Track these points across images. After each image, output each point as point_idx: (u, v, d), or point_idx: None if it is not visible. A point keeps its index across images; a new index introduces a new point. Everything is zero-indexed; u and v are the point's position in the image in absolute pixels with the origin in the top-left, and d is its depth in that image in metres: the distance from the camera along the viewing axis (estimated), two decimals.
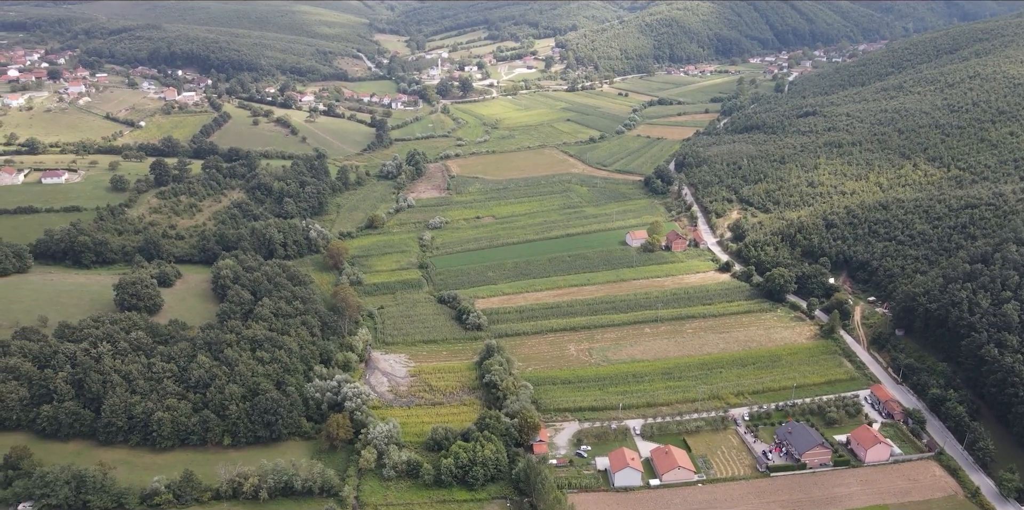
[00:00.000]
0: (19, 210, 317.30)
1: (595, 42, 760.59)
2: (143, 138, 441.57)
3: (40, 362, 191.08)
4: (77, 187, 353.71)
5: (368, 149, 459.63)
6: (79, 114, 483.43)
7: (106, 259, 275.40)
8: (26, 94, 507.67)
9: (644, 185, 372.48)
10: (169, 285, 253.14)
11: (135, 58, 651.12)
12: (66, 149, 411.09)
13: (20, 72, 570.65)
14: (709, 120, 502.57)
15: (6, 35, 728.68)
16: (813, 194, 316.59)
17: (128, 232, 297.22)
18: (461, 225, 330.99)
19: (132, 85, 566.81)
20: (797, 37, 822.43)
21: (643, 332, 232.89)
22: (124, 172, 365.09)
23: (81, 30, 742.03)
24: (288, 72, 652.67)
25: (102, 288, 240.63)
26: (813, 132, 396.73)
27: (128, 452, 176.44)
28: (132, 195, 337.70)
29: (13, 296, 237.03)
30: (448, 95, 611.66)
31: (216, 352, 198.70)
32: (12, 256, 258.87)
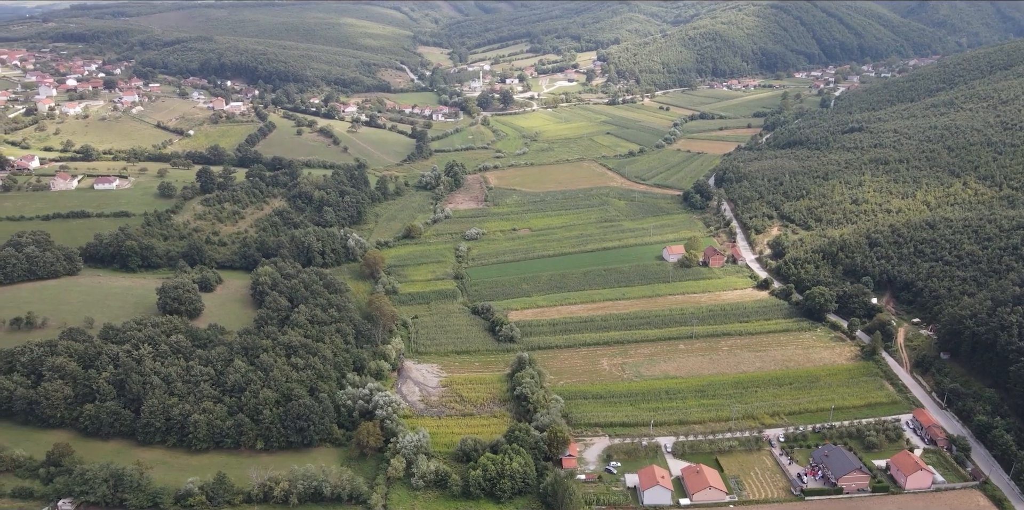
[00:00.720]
0: (72, 214, 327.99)
1: (637, 56, 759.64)
2: (191, 146, 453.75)
3: (85, 362, 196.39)
4: (127, 193, 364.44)
5: (408, 160, 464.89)
6: (132, 122, 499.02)
7: (151, 263, 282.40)
8: (83, 103, 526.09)
9: (683, 200, 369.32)
10: (210, 290, 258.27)
11: (187, 69, 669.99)
12: (118, 156, 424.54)
13: (78, 82, 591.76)
14: (751, 135, 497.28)
15: (67, 46, 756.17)
16: (857, 212, 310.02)
17: (173, 237, 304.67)
18: (497, 237, 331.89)
19: (183, 95, 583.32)
20: (845, 52, 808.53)
21: (677, 348, 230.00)
22: (172, 179, 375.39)
23: (137, 42, 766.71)
24: (333, 83, 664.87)
25: (146, 292, 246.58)
26: (858, 148, 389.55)
27: (165, 452, 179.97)
28: (178, 202, 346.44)
29: (62, 297, 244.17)
30: (489, 107, 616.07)
31: (252, 357, 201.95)
32: (63, 259, 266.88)
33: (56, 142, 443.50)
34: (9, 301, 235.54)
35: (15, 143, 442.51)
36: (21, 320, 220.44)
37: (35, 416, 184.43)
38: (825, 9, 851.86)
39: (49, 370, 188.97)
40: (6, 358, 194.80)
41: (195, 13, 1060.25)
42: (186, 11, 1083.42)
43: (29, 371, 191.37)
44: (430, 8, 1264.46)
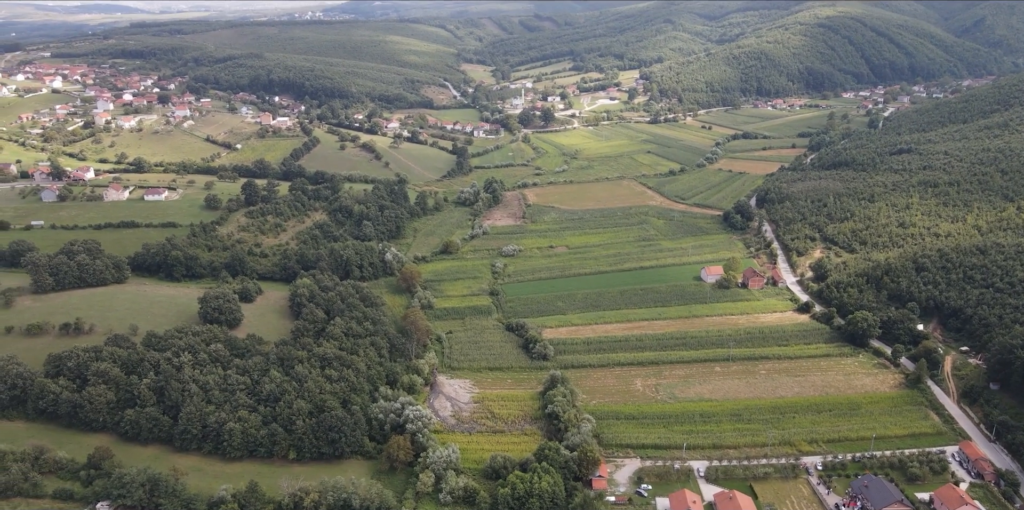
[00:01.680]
0: (122, 224, 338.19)
1: (680, 74, 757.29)
2: (238, 160, 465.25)
3: (128, 368, 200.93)
4: (175, 204, 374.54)
5: (448, 176, 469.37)
6: (182, 136, 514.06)
7: (195, 273, 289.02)
8: (138, 116, 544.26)
9: (723, 220, 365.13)
10: (250, 301, 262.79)
11: (237, 84, 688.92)
12: (168, 168, 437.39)
13: (134, 96, 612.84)
14: (795, 155, 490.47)
15: (125, 62, 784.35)
16: (903, 235, 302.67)
17: (217, 248, 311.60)
18: (534, 254, 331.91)
19: (232, 110, 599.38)
20: (895, 71, 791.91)
21: (713, 371, 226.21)
22: (218, 191, 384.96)
23: (191, 58, 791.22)
24: (377, 99, 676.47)
25: (189, 301, 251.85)
26: (907, 170, 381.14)
27: (200, 459, 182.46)
28: (223, 213, 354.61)
29: (109, 305, 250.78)
30: (530, 124, 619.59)
31: (288, 368, 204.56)
32: (112, 267, 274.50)
33: (111, 154, 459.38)
34: (60, 307, 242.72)
35: (73, 155, 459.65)
36: (70, 325, 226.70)
37: (79, 419, 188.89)
38: (875, 28, 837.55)
39: (94, 375, 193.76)
40: (54, 362, 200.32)
41: (247, 31, 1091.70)
42: (238, 29, 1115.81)
43: (75, 375, 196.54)
44: (475, 26, 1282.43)
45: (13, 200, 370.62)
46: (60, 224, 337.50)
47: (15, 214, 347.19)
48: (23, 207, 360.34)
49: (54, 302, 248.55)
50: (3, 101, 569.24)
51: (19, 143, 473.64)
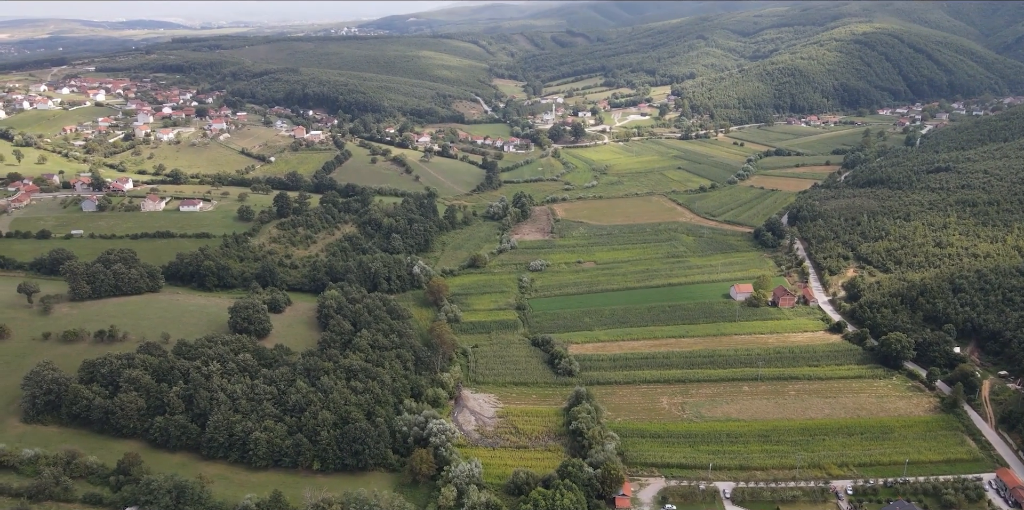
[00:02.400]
0: (158, 234, 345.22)
1: (712, 90, 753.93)
2: (271, 172, 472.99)
3: (158, 376, 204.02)
4: (209, 215, 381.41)
5: (477, 190, 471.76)
6: (219, 149, 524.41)
7: (227, 283, 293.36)
8: (176, 129, 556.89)
9: (753, 237, 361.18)
10: (279, 311, 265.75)
11: (272, 98, 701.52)
12: (204, 180, 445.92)
13: (173, 110, 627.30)
14: (829, 173, 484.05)
15: (166, 76, 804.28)
16: (940, 255, 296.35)
17: (248, 259, 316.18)
18: (562, 269, 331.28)
19: (267, 123, 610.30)
20: (933, 88, 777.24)
21: (741, 390, 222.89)
22: (251, 203, 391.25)
23: (229, 73, 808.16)
24: (408, 114, 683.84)
25: (219, 310, 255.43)
26: (944, 189, 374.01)
27: (226, 468, 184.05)
28: (255, 225, 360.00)
29: (143, 313, 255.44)
30: (560, 139, 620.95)
31: (314, 378, 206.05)
32: (147, 276, 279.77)
33: (149, 166, 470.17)
34: (96, 315, 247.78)
35: (113, 166, 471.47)
36: (104, 333, 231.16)
37: (110, 425, 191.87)
38: (913, 45, 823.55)
39: (126, 382, 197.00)
40: (88, 368, 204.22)
41: (284, 46, 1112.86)
42: (276, 44, 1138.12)
43: (108, 382, 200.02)
44: (507, 42, 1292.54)
45: (55, 210, 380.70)
46: (99, 233, 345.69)
47: (56, 223, 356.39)
48: (64, 216, 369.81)
49: (90, 309, 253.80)
50: (48, 113, 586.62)
51: (62, 154, 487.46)
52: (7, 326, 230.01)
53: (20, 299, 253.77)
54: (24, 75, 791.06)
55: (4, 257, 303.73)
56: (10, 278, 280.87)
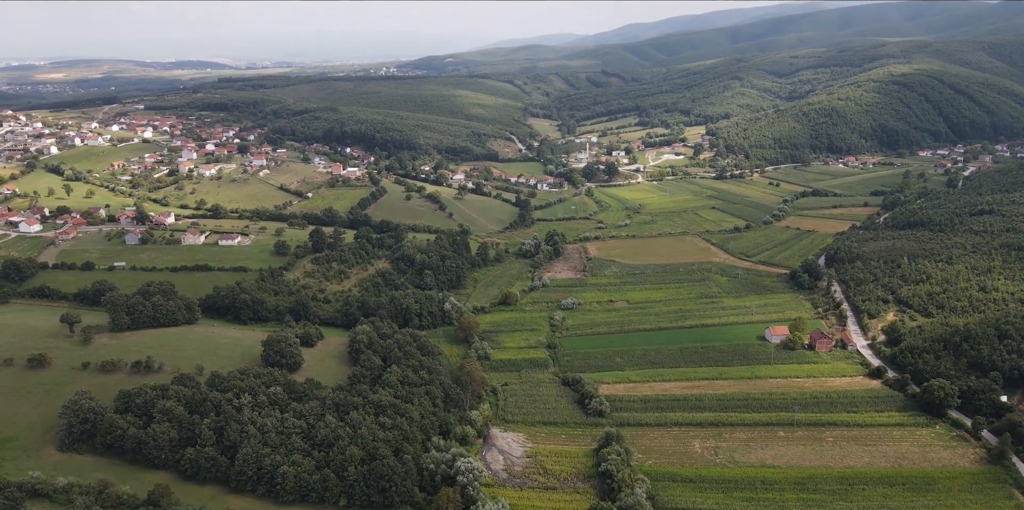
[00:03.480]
0: (196, 267, 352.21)
1: (747, 131, 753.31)
2: (308, 208, 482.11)
3: (191, 407, 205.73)
4: (246, 249, 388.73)
5: (510, 227, 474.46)
6: (258, 184, 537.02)
7: (261, 317, 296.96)
8: (218, 165, 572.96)
9: (789, 279, 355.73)
10: (311, 345, 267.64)
11: (312, 136, 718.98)
12: (243, 215, 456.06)
13: (216, 146, 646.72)
14: (867, 214, 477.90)
15: (211, 114, 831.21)
16: (985, 300, 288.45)
17: (283, 293, 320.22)
18: (593, 307, 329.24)
19: (306, 160, 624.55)
20: (975, 130, 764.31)
21: (776, 435, 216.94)
22: (287, 238, 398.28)
23: (271, 111, 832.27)
24: (444, 151, 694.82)
25: (253, 343, 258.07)
26: (988, 232, 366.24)
27: (254, 501, 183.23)
28: (291, 259, 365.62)
29: (179, 344, 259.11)
30: (593, 178, 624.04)
31: (343, 413, 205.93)
32: (184, 308, 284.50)
33: (191, 200, 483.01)
34: (134, 345, 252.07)
35: (157, 200, 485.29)
36: (141, 364, 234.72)
37: (142, 456, 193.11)
38: (953, 86, 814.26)
39: (159, 412, 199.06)
40: (124, 399, 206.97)
41: (324, 85, 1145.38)
42: (317, 84, 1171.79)
43: (142, 412, 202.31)
44: (542, 81, 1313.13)
45: (100, 242, 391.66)
46: (140, 266, 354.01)
47: (100, 255, 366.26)
48: (108, 249, 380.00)
49: (128, 340, 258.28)
50: (98, 149, 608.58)
51: (109, 189, 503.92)
52: (48, 355, 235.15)
53: (62, 329, 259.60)
54: (77, 113, 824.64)
55: (49, 287, 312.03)
56: (54, 308, 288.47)
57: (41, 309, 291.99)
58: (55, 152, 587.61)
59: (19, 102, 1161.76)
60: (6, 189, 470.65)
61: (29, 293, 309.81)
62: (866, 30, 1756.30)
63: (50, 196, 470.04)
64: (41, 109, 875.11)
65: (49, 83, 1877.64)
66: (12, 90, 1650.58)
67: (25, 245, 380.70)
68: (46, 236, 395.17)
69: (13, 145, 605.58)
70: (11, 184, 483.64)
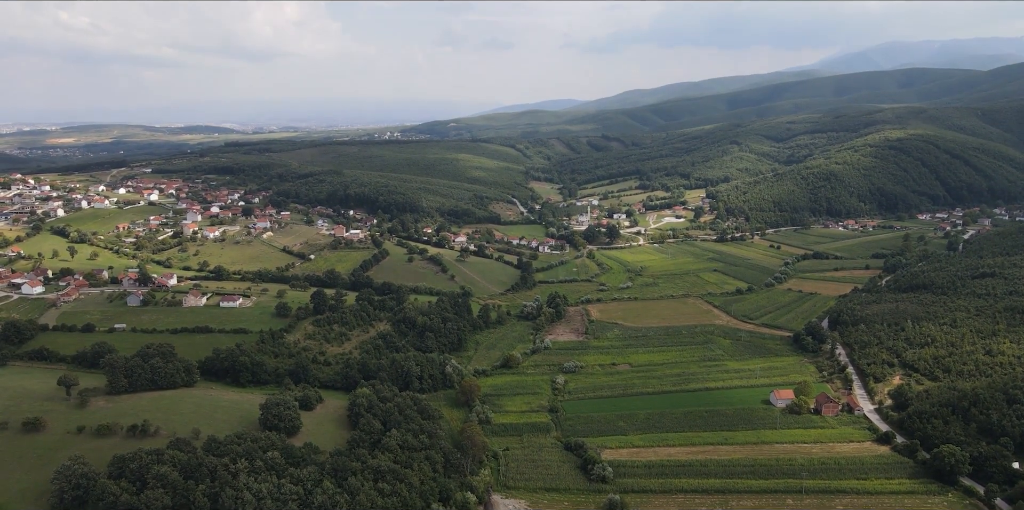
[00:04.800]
0: (196, 329, 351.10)
1: (747, 194, 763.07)
2: (310, 269, 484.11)
3: (186, 473, 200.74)
4: (247, 311, 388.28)
5: (512, 290, 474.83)
6: (261, 246, 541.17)
7: (260, 379, 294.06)
8: (222, 227, 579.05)
9: (793, 342, 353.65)
10: (310, 408, 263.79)
11: (316, 198, 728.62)
12: (245, 277, 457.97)
13: (221, 209, 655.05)
14: (869, 277, 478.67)
15: (216, 177, 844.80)
16: (991, 364, 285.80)
17: (283, 355, 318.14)
18: (596, 371, 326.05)
19: (309, 222, 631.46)
20: (973, 193, 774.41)
21: (785, 503, 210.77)
22: (289, 300, 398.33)
23: (276, 174, 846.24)
24: (446, 214, 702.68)
25: (251, 406, 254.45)
26: (991, 295, 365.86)
27: None
28: (292, 321, 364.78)
29: (176, 408, 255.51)
30: (595, 241, 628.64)
31: (341, 479, 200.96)
32: (183, 371, 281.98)
33: (194, 262, 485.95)
34: (130, 409, 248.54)
35: (160, 262, 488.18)
36: (137, 427, 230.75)
37: None
38: (949, 150, 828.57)
39: (153, 478, 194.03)
40: (118, 464, 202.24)
41: (329, 149, 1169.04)
42: (322, 148, 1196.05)
43: (136, 478, 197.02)
44: (543, 146, 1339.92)
45: (101, 304, 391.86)
46: (140, 328, 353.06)
47: (101, 317, 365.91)
48: (109, 311, 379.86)
49: (125, 403, 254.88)
50: (104, 212, 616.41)
51: (113, 250, 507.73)
52: (43, 419, 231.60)
53: (59, 392, 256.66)
54: (86, 176, 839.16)
55: (48, 350, 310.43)
56: (52, 371, 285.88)
57: (39, 371, 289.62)
58: (62, 214, 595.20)
59: (29, 166, 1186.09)
60: (11, 251, 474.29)
61: (28, 355, 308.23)
62: (860, 97, 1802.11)
63: (54, 258, 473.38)
64: (50, 172, 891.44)
65: (59, 147, 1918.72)
66: (23, 154, 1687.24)
67: (27, 307, 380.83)
68: (48, 298, 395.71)
69: (21, 207, 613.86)
70: (16, 246, 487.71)
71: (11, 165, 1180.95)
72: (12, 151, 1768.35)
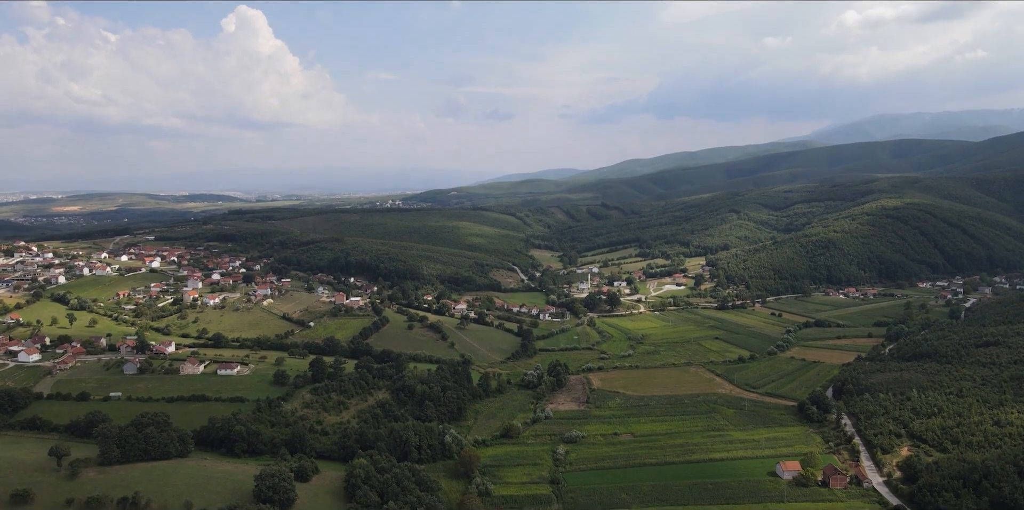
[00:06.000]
0: (193, 398, 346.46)
1: (747, 261, 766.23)
2: (310, 337, 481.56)
3: None
4: (245, 379, 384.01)
5: (512, 357, 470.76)
6: (261, 314, 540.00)
7: (256, 449, 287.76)
8: (223, 294, 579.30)
9: (798, 411, 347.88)
10: (306, 480, 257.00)
11: (317, 265, 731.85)
12: (244, 344, 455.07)
13: (222, 276, 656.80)
14: (872, 345, 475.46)
15: (218, 244, 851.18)
16: (1000, 434, 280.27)
17: (279, 425, 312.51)
18: (598, 441, 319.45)
19: (309, 289, 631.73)
20: (972, 262, 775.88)
21: None
22: (287, 367, 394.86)
23: (277, 241, 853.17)
24: (446, 281, 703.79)
25: (246, 478, 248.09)
26: (996, 364, 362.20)
27: None
28: (290, 389, 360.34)
29: (168, 480, 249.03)
30: (595, 308, 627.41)
31: None
32: (177, 441, 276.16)
33: (193, 329, 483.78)
34: (121, 480, 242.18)
35: (159, 329, 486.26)
36: (127, 500, 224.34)
37: None
38: (946, 219, 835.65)
39: None
40: None
41: (331, 217, 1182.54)
42: (324, 216, 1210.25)
43: None
44: (543, 214, 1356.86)
45: (98, 372, 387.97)
46: (136, 396, 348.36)
47: (97, 385, 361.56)
48: (105, 378, 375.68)
49: (117, 475, 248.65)
50: (105, 279, 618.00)
51: (113, 318, 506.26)
52: (32, 491, 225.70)
53: (50, 462, 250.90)
54: (89, 243, 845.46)
55: (41, 419, 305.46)
56: (44, 441, 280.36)
57: (31, 441, 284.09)
58: (63, 281, 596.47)
59: (33, 233, 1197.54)
60: (10, 318, 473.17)
61: (21, 424, 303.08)
62: (855, 167, 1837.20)
63: (53, 325, 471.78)
64: (54, 240, 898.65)
65: (64, 215, 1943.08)
66: (28, 222, 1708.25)
67: (23, 375, 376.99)
68: (44, 365, 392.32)
69: (22, 275, 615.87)
70: (15, 313, 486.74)
71: (15, 233, 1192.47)
72: (17, 219, 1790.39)
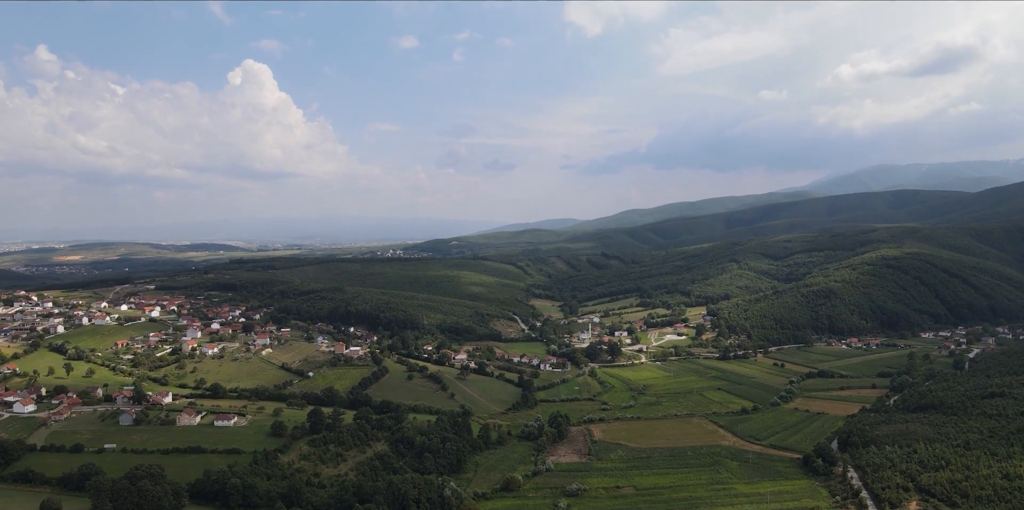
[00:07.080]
0: (188, 449, 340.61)
1: (748, 311, 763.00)
2: (308, 387, 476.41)
3: None
4: (242, 430, 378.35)
5: (513, 408, 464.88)
6: (260, 363, 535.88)
7: (251, 502, 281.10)
8: (222, 344, 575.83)
9: (803, 464, 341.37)
10: None
11: (317, 315, 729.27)
12: (242, 394, 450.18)
13: (221, 325, 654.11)
14: (876, 396, 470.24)
15: (219, 294, 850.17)
16: (1010, 488, 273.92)
17: (276, 477, 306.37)
18: (600, 494, 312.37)
19: (309, 339, 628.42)
20: (974, 312, 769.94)
21: None
22: (285, 418, 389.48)
23: (278, 291, 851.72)
24: (447, 331, 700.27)
25: None
26: (1002, 416, 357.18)
27: None
28: (287, 441, 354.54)
29: None
30: (596, 358, 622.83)
31: None
32: (171, 494, 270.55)
33: (191, 379, 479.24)
34: None
35: (156, 379, 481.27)
36: None
37: None
38: (946, 269, 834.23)
39: None
40: None
41: (332, 266, 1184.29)
42: (324, 265, 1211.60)
43: None
44: (543, 263, 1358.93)
45: (93, 423, 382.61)
46: (131, 448, 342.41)
47: (91, 437, 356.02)
48: (100, 430, 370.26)
49: None
50: (104, 329, 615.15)
51: (110, 368, 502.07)
52: None
53: None
54: (89, 293, 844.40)
55: (34, 471, 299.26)
56: (36, 494, 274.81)
57: (22, 495, 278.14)
58: (62, 331, 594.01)
59: (33, 282, 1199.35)
60: (7, 368, 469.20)
61: (12, 477, 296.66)
62: (853, 217, 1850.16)
63: (50, 375, 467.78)
64: (55, 289, 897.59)
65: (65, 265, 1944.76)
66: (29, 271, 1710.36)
67: (17, 426, 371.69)
68: (39, 417, 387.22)
69: (21, 324, 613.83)
70: (12, 363, 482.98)
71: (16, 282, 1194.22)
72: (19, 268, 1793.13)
